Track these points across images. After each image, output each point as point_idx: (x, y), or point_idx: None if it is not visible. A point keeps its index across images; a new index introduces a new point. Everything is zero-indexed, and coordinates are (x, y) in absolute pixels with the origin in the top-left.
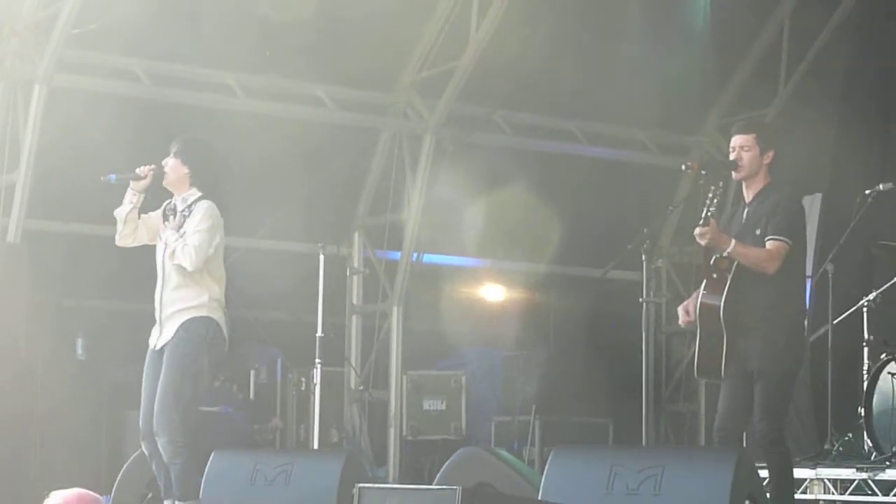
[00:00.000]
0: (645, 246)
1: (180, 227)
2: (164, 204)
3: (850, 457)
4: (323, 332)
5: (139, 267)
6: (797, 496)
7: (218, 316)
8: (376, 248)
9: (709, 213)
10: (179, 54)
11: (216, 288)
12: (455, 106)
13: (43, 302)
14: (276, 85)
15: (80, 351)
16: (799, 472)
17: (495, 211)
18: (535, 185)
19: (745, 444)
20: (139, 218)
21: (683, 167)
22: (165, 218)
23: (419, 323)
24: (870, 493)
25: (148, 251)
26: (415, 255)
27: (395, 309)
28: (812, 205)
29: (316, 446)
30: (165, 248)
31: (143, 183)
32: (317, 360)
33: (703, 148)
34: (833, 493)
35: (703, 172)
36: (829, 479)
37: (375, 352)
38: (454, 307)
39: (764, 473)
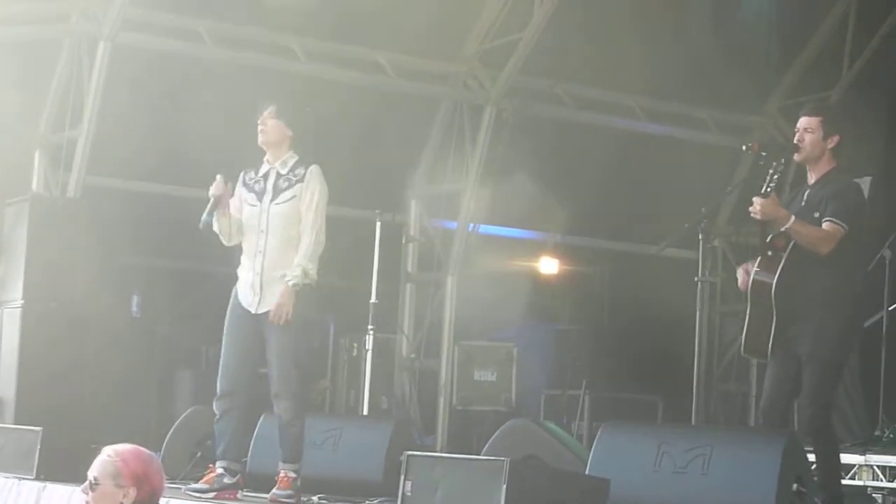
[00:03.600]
0: (702, 225)
1: (287, 189)
2: (241, 175)
3: None
4: (377, 298)
5: (194, 227)
6: (845, 482)
7: (315, 282)
8: (433, 217)
9: (770, 188)
10: (243, 16)
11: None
12: (517, 78)
13: (100, 258)
14: (339, 50)
15: (134, 308)
16: (848, 458)
17: (553, 184)
18: (594, 160)
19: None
20: (235, 215)
21: (744, 147)
22: (251, 189)
23: (472, 293)
24: None
25: (201, 212)
26: (471, 225)
27: (449, 278)
28: (862, 188)
29: (365, 412)
30: (268, 216)
31: (226, 198)
32: (369, 327)
33: (764, 129)
34: (882, 480)
35: (764, 154)
36: (878, 466)
37: (428, 320)
38: (508, 279)
39: (811, 457)
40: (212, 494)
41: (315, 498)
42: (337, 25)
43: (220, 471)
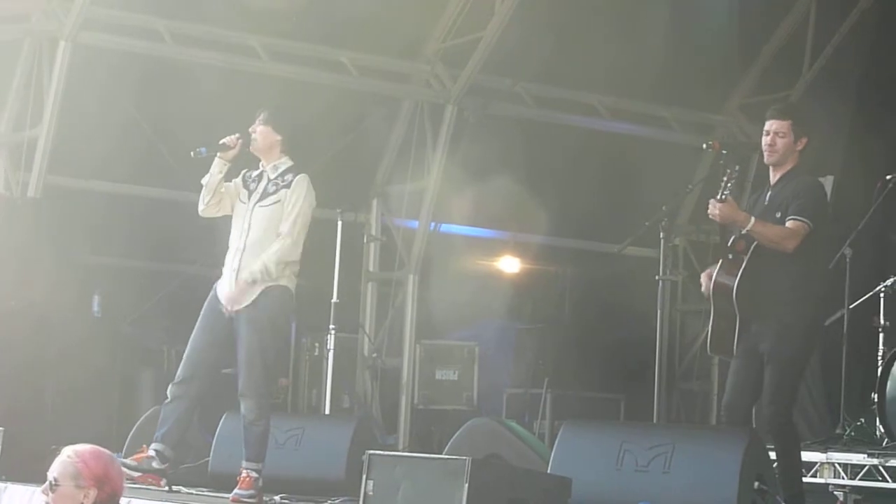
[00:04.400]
0: (663, 223)
1: (274, 193)
2: (243, 173)
3: (862, 442)
4: (338, 298)
5: (158, 227)
6: (807, 479)
7: (293, 284)
8: (394, 216)
9: (725, 195)
10: (204, 15)
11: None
12: (478, 77)
13: (61, 258)
14: (300, 49)
15: (95, 308)
16: (810, 456)
17: (514, 183)
18: (556, 159)
19: (753, 425)
20: (223, 189)
21: (705, 146)
22: (246, 186)
23: (434, 292)
24: (880, 478)
25: (171, 213)
26: (432, 224)
27: (410, 277)
28: (824, 187)
29: (327, 412)
30: (251, 215)
31: (232, 153)
32: (331, 326)
33: (725, 127)
34: (843, 478)
35: (724, 152)
36: (839, 464)
37: (390, 319)
38: (470, 278)
39: (773, 455)
40: (137, 474)
41: (277, 497)
42: (299, 24)
43: (151, 453)
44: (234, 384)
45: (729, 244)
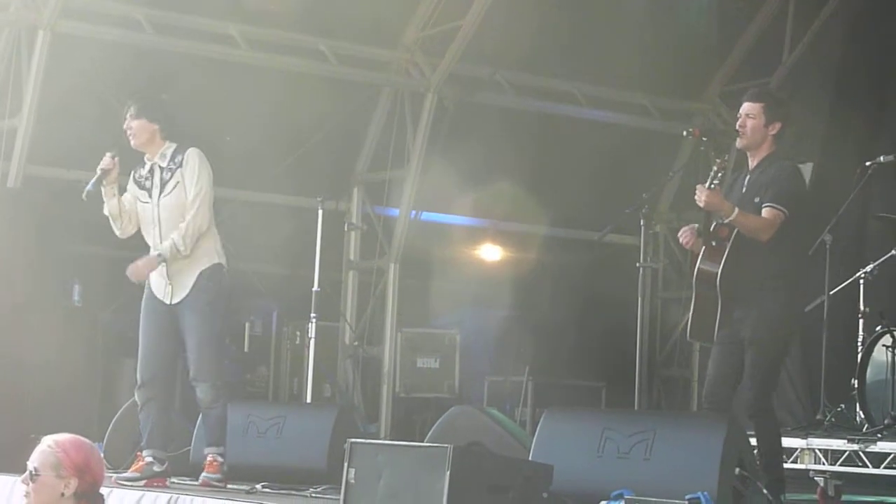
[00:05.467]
0: (643, 211)
1: (171, 179)
2: (132, 174)
3: (842, 428)
4: (319, 286)
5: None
6: (787, 465)
7: (224, 261)
8: (375, 205)
9: (714, 185)
10: (184, 4)
11: (214, 233)
12: (457, 65)
13: (41, 247)
14: (279, 37)
15: (75, 297)
16: (790, 442)
17: (495, 171)
18: (536, 147)
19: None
20: (126, 206)
21: (685, 133)
22: (141, 186)
23: (415, 281)
24: (860, 464)
25: None
26: (413, 212)
27: (391, 266)
28: (803, 174)
29: (309, 400)
30: (158, 210)
31: (114, 174)
32: (312, 315)
33: (705, 115)
34: (824, 463)
35: (705, 139)
36: (819, 450)
37: (371, 308)
38: (451, 266)
39: (754, 442)
40: (142, 482)
41: (259, 486)
42: (277, 13)
43: (148, 459)
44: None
45: (711, 231)
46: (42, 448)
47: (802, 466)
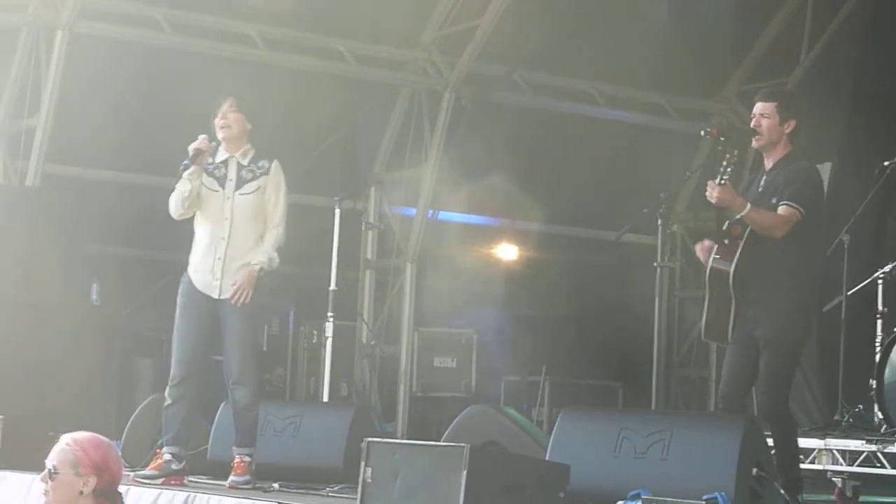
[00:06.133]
0: (661, 210)
1: (252, 180)
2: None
3: (860, 428)
4: (336, 286)
5: (155, 215)
6: (805, 466)
7: (271, 270)
8: (392, 204)
9: (724, 179)
10: (202, 4)
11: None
12: (475, 64)
13: (60, 246)
14: (297, 37)
15: (94, 296)
16: (808, 442)
17: (511, 170)
18: (552, 146)
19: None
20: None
21: (703, 133)
22: (210, 174)
23: (432, 280)
24: (878, 465)
25: (162, 200)
26: (430, 212)
27: (408, 265)
28: (822, 174)
29: (325, 399)
30: (232, 204)
31: (205, 155)
32: (329, 314)
33: (722, 114)
34: (841, 464)
35: (722, 139)
36: (837, 450)
37: (388, 307)
38: (467, 265)
39: (771, 442)
40: (160, 480)
41: (276, 485)
42: (295, 13)
43: (167, 457)
44: (225, 371)
45: (724, 229)
46: (61, 446)
47: (820, 467)
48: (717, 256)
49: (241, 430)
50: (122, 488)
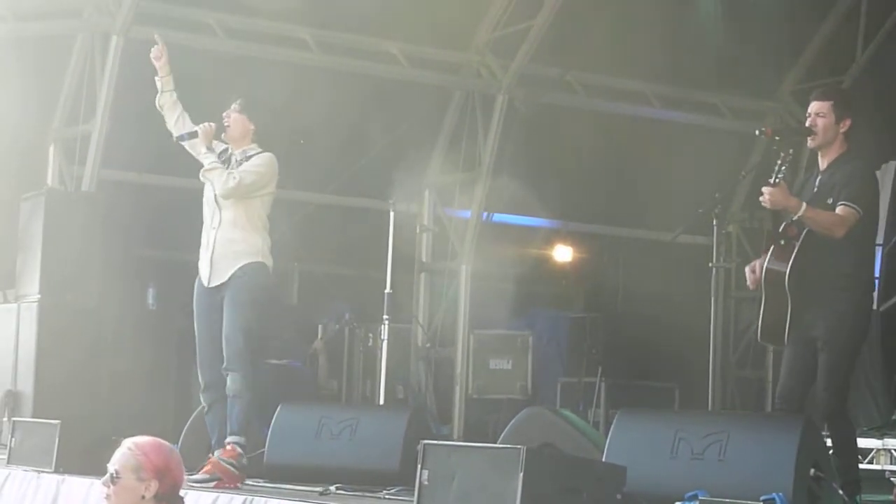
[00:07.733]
0: (716, 210)
1: (229, 165)
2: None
3: None
4: (391, 288)
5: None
6: (863, 466)
7: (270, 262)
8: (446, 207)
9: (778, 178)
10: (255, 8)
11: (266, 235)
12: (529, 66)
13: (116, 251)
14: (351, 41)
15: (150, 301)
16: (866, 442)
17: (566, 172)
18: (606, 147)
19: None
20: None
21: (757, 132)
22: (215, 153)
23: (487, 282)
24: None
25: None
26: (484, 214)
27: (463, 267)
28: (885, 173)
29: (381, 402)
30: (213, 187)
31: (209, 138)
32: (384, 317)
33: (777, 114)
34: None
35: (777, 138)
36: (895, 450)
37: (443, 310)
38: (523, 267)
39: (829, 442)
40: (212, 484)
41: (332, 488)
42: (349, 16)
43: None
44: (285, 376)
45: (780, 230)
46: (123, 451)
47: (878, 467)
48: (772, 258)
49: (231, 417)
50: (181, 492)
